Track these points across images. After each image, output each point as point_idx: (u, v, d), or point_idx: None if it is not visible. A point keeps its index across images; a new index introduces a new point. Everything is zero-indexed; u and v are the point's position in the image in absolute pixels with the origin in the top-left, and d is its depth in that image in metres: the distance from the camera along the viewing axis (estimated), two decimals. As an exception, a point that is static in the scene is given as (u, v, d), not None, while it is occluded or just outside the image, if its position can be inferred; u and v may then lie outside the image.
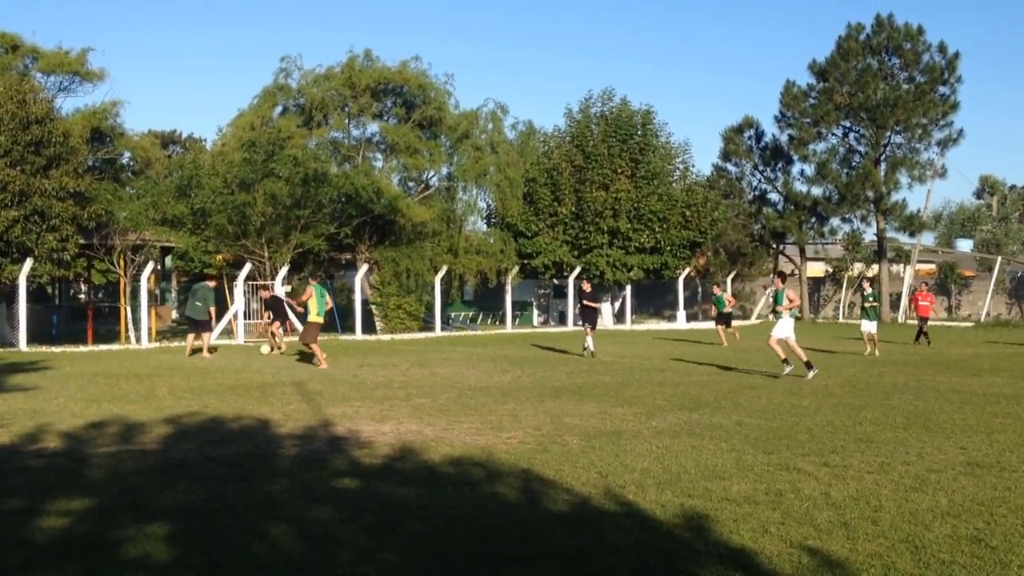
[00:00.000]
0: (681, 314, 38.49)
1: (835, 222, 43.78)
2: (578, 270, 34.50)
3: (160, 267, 32.53)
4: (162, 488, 6.70)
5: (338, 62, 32.09)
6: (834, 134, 42.48)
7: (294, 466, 7.60)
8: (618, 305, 38.71)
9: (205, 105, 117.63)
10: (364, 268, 29.81)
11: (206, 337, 20.41)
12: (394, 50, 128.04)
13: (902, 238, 44.26)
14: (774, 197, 45.21)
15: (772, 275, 45.34)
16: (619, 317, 38.39)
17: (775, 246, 45.46)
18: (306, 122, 31.55)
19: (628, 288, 38.13)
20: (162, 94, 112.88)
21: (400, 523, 5.78)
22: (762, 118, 49.27)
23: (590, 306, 21.08)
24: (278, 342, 21.46)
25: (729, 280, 38.69)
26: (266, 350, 20.90)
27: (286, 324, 22.77)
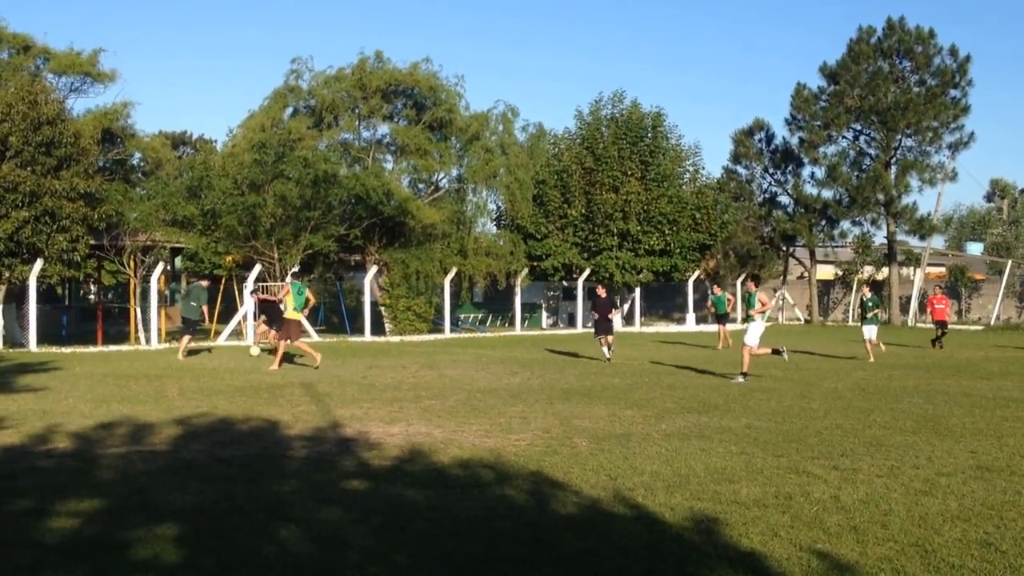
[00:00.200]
0: (691, 316, 38.46)
1: (845, 225, 43.70)
2: (587, 272, 34.48)
3: (170, 268, 32.60)
4: (171, 489, 6.72)
5: (349, 63, 32.22)
6: (845, 137, 42.34)
7: (303, 467, 7.62)
8: (627, 307, 38.68)
9: (216, 106, 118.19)
10: (374, 270, 29.85)
11: (185, 339, 20.43)
12: (405, 52, 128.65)
13: (912, 241, 44.11)
14: (784, 200, 45.07)
15: (781, 278, 45.56)
16: (628, 319, 38.36)
17: (785, 249, 45.32)
18: (316, 123, 31.62)
19: (637, 290, 38.09)
20: (173, 95, 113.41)
21: (409, 525, 5.78)
22: (773, 121, 49.44)
23: (606, 318, 20.07)
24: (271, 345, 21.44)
25: (739, 283, 38.61)
26: (256, 352, 20.95)
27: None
